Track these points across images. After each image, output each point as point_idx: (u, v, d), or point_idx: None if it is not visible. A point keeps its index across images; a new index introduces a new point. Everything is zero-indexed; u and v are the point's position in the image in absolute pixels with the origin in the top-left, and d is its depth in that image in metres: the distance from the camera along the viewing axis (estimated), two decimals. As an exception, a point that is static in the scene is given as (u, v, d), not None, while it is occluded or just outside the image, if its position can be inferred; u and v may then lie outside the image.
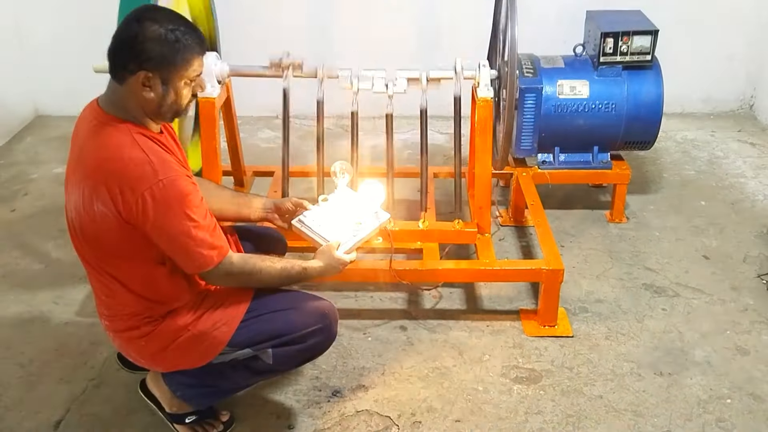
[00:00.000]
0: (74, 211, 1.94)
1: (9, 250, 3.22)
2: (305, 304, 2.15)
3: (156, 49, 1.84)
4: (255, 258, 2.09)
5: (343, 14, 4.32)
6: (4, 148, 4.20)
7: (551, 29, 4.09)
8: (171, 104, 1.93)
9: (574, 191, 3.65)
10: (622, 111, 3.24)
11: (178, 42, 1.87)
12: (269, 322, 2.09)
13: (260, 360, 2.12)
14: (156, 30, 1.84)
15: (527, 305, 2.84)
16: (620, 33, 3.18)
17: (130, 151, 1.87)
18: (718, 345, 2.64)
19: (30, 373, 2.53)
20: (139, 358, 2.14)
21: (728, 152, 4.11)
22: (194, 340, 2.06)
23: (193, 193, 1.92)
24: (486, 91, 2.78)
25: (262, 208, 2.41)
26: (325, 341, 2.17)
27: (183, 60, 1.89)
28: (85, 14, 4.23)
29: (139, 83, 1.87)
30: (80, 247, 2.00)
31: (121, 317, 2.05)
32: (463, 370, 2.53)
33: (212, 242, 1.95)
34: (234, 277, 2.04)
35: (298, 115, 4.29)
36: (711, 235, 3.32)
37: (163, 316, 2.04)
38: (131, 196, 1.84)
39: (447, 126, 4.24)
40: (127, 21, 1.89)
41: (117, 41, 1.88)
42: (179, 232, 1.89)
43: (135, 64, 1.85)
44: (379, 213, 2.41)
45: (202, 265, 1.96)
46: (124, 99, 1.91)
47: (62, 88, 4.48)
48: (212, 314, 2.07)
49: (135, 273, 1.98)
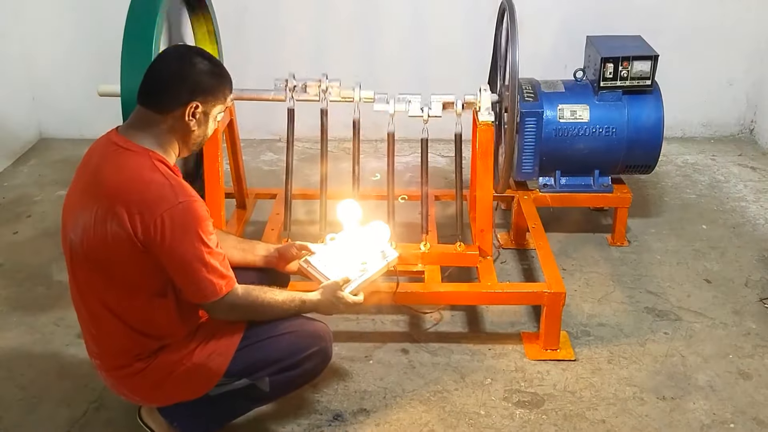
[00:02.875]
0: (82, 234, 1.93)
1: (11, 272, 3.23)
2: (299, 329, 2.14)
3: (207, 82, 1.96)
4: (258, 290, 2.09)
5: (344, 40, 4.35)
6: (9, 171, 4.22)
7: (551, 54, 4.13)
8: (204, 135, 2.04)
9: (575, 214, 3.66)
10: (622, 135, 3.26)
11: (222, 77, 2.01)
12: (264, 349, 2.08)
13: (257, 388, 2.11)
14: (207, 65, 1.97)
15: (529, 328, 2.84)
16: (620, 58, 3.21)
17: (151, 174, 1.90)
18: (721, 369, 2.63)
19: (30, 395, 2.52)
20: (133, 395, 2.11)
21: (729, 176, 4.13)
22: (189, 373, 2.04)
23: (208, 219, 1.95)
24: (487, 115, 2.80)
25: (266, 255, 2.39)
26: (321, 364, 2.17)
27: (223, 94, 2.02)
28: (89, 39, 4.28)
29: (188, 113, 1.94)
30: (80, 273, 1.98)
31: (112, 354, 2.04)
32: (465, 393, 2.52)
33: (222, 272, 1.96)
34: (238, 309, 2.04)
35: (300, 138, 4.30)
36: (712, 259, 3.32)
37: (155, 351, 2.03)
38: (149, 217, 1.85)
39: (448, 149, 4.26)
40: (172, 55, 2.01)
41: (165, 73, 1.96)
42: (193, 257, 1.90)
43: (188, 94, 1.93)
44: (387, 252, 2.44)
45: (210, 294, 1.96)
46: (161, 127, 1.96)
47: (67, 111, 4.52)
48: (206, 345, 2.06)
49: (134, 304, 1.98)
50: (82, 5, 4.26)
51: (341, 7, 4.29)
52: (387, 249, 2.46)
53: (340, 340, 2.62)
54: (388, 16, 4.31)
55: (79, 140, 4.46)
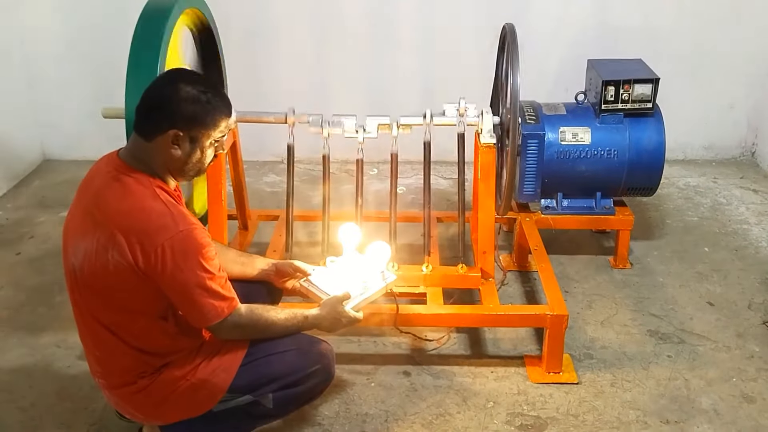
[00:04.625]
0: (83, 260, 1.93)
1: (13, 293, 3.23)
2: (303, 346, 2.15)
3: (189, 109, 1.92)
4: (260, 309, 2.10)
5: (347, 63, 4.39)
6: (12, 192, 4.23)
7: (553, 77, 4.16)
8: (195, 163, 2.00)
9: (577, 237, 3.66)
10: (624, 157, 3.27)
11: (209, 104, 1.95)
12: (268, 365, 2.08)
13: (261, 405, 2.10)
14: (189, 91, 1.92)
15: (532, 351, 2.82)
16: (621, 81, 3.23)
17: (152, 202, 1.91)
18: (725, 393, 2.62)
19: (31, 417, 2.50)
20: (137, 413, 2.11)
21: (731, 199, 4.13)
22: (193, 389, 2.04)
23: (209, 246, 1.95)
24: (489, 137, 2.81)
25: (263, 268, 2.41)
26: (324, 381, 2.17)
27: (212, 121, 1.97)
28: (93, 60, 4.32)
29: (169, 141, 1.93)
30: (81, 296, 1.99)
31: (116, 373, 2.04)
32: (468, 417, 2.50)
33: (224, 294, 1.98)
34: (241, 329, 2.05)
35: (302, 160, 4.33)
36: (715, 282, 3.31)
37: (158, 369, 2.03)
38: (150, 246, 1.86)
39: (451, 171, 4.27)
40: (159, 81, 2.00)
41: (149, 99, 1.95)
42: (194, 284, 1.91)
43: (167, 122, 1.92)
44: (386, 274, 2.46)
45: (213, 317, 1.97)
46: (150, 155, 1.96)
47: (70, 132, 4.55)
48: (210, 361, 2.06)
49: (135, 326, 1.98)
50: (86, 27, 4.29)
51: (346, 31, 4.33)
52: (386, 271, 2.49)
53: (342, 362, 2.61)
54: (394, 40, 4.35)
55: (82, 162, 4.47)
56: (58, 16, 4.32)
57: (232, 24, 3.83)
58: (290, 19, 4.30)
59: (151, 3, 2.62)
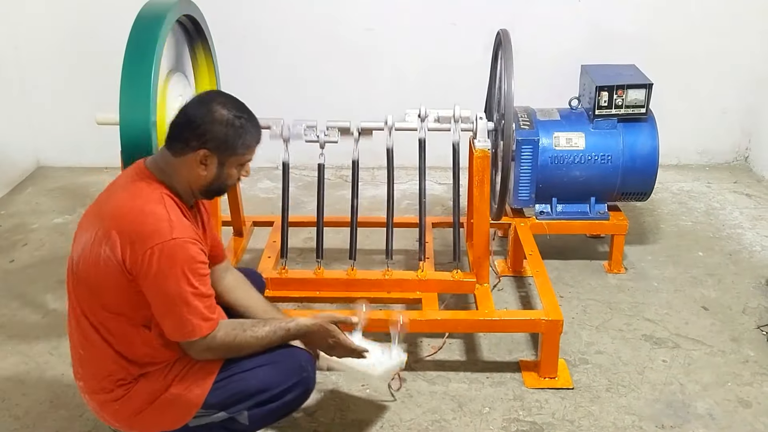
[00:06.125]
0: (81, 251, 1.95)
1: (6, 300, 3.21)
2: (280, 358, 2.07)
3: (221, 132, 1.94)
4: (239, 329, 2.02)
5: (343, 67, 4.39)
6: (5, 199, 4.22)
7: (547, 83, 4.16)
8: (219, 184, 2.03)
9: (571, 242, 3.66)
10: (618, 162, 3.27)
11: (242, 128, 1.97)
12: (243, 382, 2.02)
13: (237, 421, 2.05)
14: (224, 114, 1.95)
15: (527, 356, 2.82)
16: (615, 86, 3.24)
17: (154, 206, 1.92)
18: (720, 397, 2.62)
19: (25, 425, 2.49)
20: (114, 422, 2.09)
21: (725, 203, 4.14)
22: (168, 403, 2.01)
23: (201, 262, 1.93)
24: (483, 142, 2.82)
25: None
26: (302, 395, 2.10)
27: (243, 145, 1.99)
28: (88, 67, 4.31)
29: (197, 160, 1.95)
30: (74, 289, 2.00)
31: (95, 377, 2.03)
32: (463, 423, 2.50)
33: (205, 313, 1.93)
34: (213, 351, 1.99)
35: (297, 166, 4.33)
36: (710, 286, 3.32)
37: (136, 378, 2.01)
38: (140, 247, 1.86)
39: (445, 176, 4.28)
40: (196, 101, 2.01)
41: (183, 117, 1.98)
42: (175, 294, 1.88)
43: (198, 141, 1.94)
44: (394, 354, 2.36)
45: (189, 334, 1.93)
46: (175, 169, 1.98)
47: (64, 139, 4.54)
48: (186, 376, 2.02)
49: (119, 329, 1.96)
50: (81, 33, 4.29)
51: (341, 37, 4.34)
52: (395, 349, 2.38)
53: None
54: (387, 45, 4.36)
55: (76, 168, 4.48)
56: (52, 23, 4.32)
57: (227, 29, 3.82)
58: (283, 23, 4.31)
59: (145, 9, 2.61)
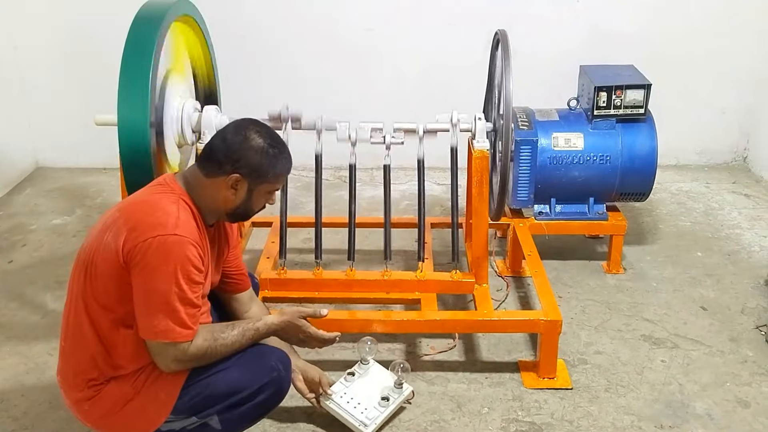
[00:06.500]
0: (91, 236, 1.99)
1: (5, 301, 3.21)
2: (250, 358, 2.05)
3: (255, 159, 1.98)
4: (210, 341, 1.98)
5: (342, 67, 4.39)
6: (4, 200, 4.21)
7: (545, 83, 4.16)
8: (245, 209, 2.06)
9: (570, 242, 3.66)
10: (616, 163, 3.28)
11: (275, 158, 2.01)
12: (211, 386, 1.99)
13: (209, 426, 2.02)
14: (259, 143, 1.99)
15: (526, 357, 2.82)
16: (613, 87, 3.24)
17: (167, 204, 1.94)
18: (719, 397, 2.62)
19: (23, 426, 2.49)
20: (86, 422, 2.08)
21: (723, 203, 4.14)
22: (137, 409, 1.99)
23: (196, 267, 1.91)
24: (482, 143, 2.82)
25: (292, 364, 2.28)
26: (275, 395, 2.07)
27: (274, 174, 2.04)
28: (87, 68, 4.31)
29: (228, 184, 1.98)
30: (74, 273, 2.01)
31: (71, 372, 2.02)
32: (462, 423, 2.50)
33: (184, 320, 1.90)
34: (183, 363, 1.96)
35: (296, 167, 4.28)
36: (708, 286, 3.32)
37: (107, 380, 1.99)
38: (140, 236, 1.87)
39: (444, 177, 4.27)
40: (233, 127, 2.04)
41: (219, 141, 2.01)
42: (161, 292, 1.86)
43: (232, 166, 1.97)
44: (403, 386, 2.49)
45: (160, 334, 1.89)
46: (203, 187, 2.01)
47: (63, 140, 4.53)
48: (154, 382, 1.99)
49: (104, 322, 1.95)
50: (80, 33, 4.29)
51: (340, 37, 4.34)
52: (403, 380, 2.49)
53: (336, 369, 2.61)
54: (386, 46, 4.36)
55: (75, 169, 4.47)
56: (52, 23, 4.32)
57: (227, 29, 3.82)
58: (283, 23, 4.31)
59: (143, 10, 2.62)
